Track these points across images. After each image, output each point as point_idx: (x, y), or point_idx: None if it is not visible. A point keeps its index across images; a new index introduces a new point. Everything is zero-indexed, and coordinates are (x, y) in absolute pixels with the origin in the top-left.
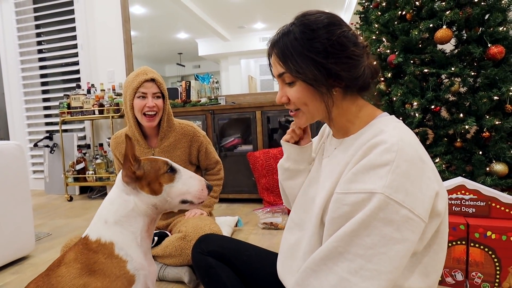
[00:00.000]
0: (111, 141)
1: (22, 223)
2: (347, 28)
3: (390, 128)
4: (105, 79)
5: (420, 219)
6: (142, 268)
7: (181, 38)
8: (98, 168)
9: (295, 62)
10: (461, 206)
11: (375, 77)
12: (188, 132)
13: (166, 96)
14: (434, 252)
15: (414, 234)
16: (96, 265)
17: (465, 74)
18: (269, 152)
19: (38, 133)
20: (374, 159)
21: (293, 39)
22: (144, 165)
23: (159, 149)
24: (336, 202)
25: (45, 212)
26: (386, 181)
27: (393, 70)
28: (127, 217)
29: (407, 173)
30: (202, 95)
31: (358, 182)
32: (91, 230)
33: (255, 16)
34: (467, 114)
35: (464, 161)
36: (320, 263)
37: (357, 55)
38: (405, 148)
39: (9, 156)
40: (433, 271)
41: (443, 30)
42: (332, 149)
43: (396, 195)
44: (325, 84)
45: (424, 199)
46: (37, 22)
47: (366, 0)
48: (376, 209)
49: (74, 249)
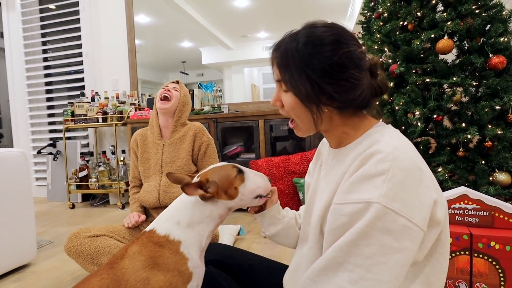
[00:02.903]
0: (133, 136)
1: (24, 231)
2: (354, 47)
3: (386, 138)
4: (109, 87)
5: (418, 227)
6: (198, 267)
7: (185, 46)
8: (101, 176)
9: (291, 74)
10: (464, 216)
11: (379, 95)
12: (195, 128)
13: (181, 95)
14: (436, 262)
15: (412, 243)
16: (160, 259)
17: (466, 84)
18: (272, 160)
19: (42, 140)
20: (369, 169)
21: (295, 49)
22: (214, 177)
23: (169, 141)
24: (334, 213)
25: (47, 220)
26: (382, 190)
27: (395, 80)
28: (200, 222)
29: (403, 182)
30: (205, 103)
31: (355, 192)
32: (160, 226)
33: (258, 25)
34: (469, 124)
35: (467, 170)
36: (320, 273)
37: (355, 78)
38: (401, 157)
39: (12, 163)
40: (436, 281)
41: (444, 40)
42: (330, 159)
43: (393, 204)
44: (316, 102)
45: (422, 208)
46: (43, 30)
47: (368, 11)
48: (374, 218)
49: (137, 242)
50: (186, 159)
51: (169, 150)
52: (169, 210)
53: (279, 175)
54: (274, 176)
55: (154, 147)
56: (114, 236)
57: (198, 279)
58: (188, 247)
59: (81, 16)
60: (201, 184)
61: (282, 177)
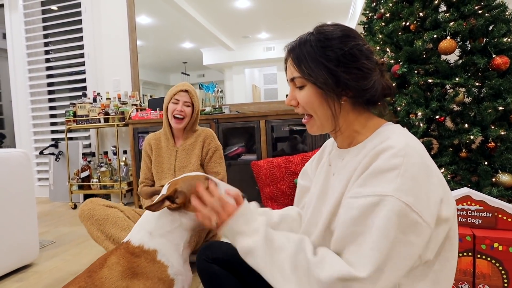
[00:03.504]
0: (146, 138)
1: (26, 231)
2: (362, 42)
3: (396, 135)
4: (111, 87)
5: (427, 224)
6: (180, 274)
7: (186, 47)
8: (103, 176)
9: (308, 65)
10: (467, 217)
11: (387, 95)
12: (205, 134)
13: (196, 106)
14: (445, 259)
15: (419, 239)
16: (138, 268)
17: (469, 85)
18: (273, 161)
19: (44, 141)
20: (382, 164)
21: (309, 46)
22: (182, 188)
23: (181, 147)
24: (346, 207)
25: (49, 220)
26: (396, 184)
27: (397, 80)
28: (172, 232)
29: (415, 177)
30: (207, 104)
31: (368, 186)
32: (134, 237)
33: (260, 26)
34: (472, 125)
35: (469, 171)
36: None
37: (367, 67)
38: (412, 153)
39: (15, 164)
40: (445, 279)
41: (447, 40)
42: (340, 160)
43: (407, 198)
44: (334, 90)
45: (430, 205)
46: (45, 31)
47: (370, 11)
48: (390, 212)
49: (115, 253)
50: (197, 164)
51: (182, 155)
52: (141, 221)
53: (280, 175)
54: (276, 177)
55: (168, 152)
56: (125, 212)
57: (183, 285)
58: (166, 255)
59: (83, 17)
60: (169, 197)
61: (283, 178)
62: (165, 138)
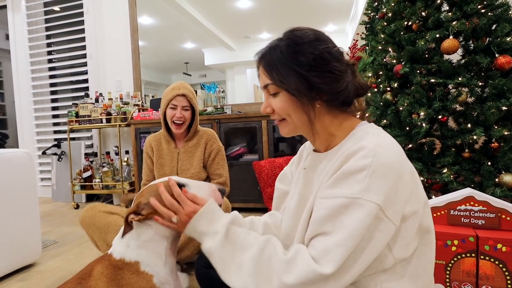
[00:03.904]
0: (146, 139)
1: (29, 231)
2: (332, 45)
3: (370, 135)
4: (113, 88)
5: (390, 221)
6: (167, 282)
7: (188, 48)
8: (105, 176)
9: (279, 72)
10: (470, 218)
11: (361, 94)
12: (207, 135)
13: (196, 109)
14: (421, 253)
15: (382, 235)
16: (123, 280)
17: (472, 84)
18: (275, 161)
19: (47, 141)
20: (352, 165)
21: (279, 52)
22: (144, 199)
23: (183, 149)
24: (316, 206)
25: (52, 220)
26: (364, 185)
27: (399, 80)
28: (150, 241)
29: (383, 176)
30: (208, 104)
31: (338, 188)
32: (114, 251)
33: (261, 26)
34: (475, 125)
35: (472, 172)
36: None
37: (339, 70)
38: (382, 152)
39: (18, 164)
40: (423, 272)
41: (449, 40)
42: (318, 164)
43: (376, 197)
44: (307, 95)
45: (398, 203)
46: (48, 32)
47: (372, 11)
48: (357, 212)
49: (100, 262)
50: (199, 166)
51: (184, 158)
52: (119, 234)
53: None
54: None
55: (169, 155)
56: None
57: None
58: (150, 265)
59: (85, 18)
60: (134, 212)
61: None
62: (165, 140)
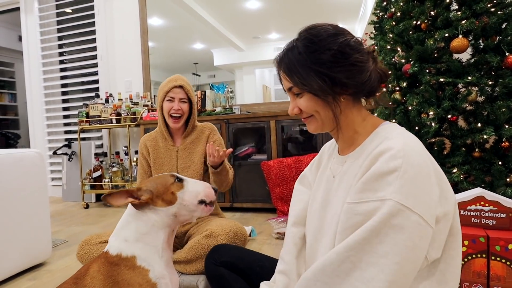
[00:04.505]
0: (141, 139)
1: (39, 230)
2: (349, 36)
3: (394, 135)
4: (123, 88)
5: (428, 225)
6: (163, 277)
7: (197, 48)
8: (114, 176)
9: (299, 75)
10: (480, 218)
11: (384, 81)
12: (207, 128)
13: (193, 101)
14: (449, 258)
15: (423, 241)
16: (119, 276)
17: (482, 83)
18: (283, 161)
19: (58, 141)
20: (381, 166)
21: (297, 53)
22: (148, 186)
23: (182, 146)
24: (347, 213)
25: (62, 219)
26: (395, 187)
27: (408, 80)
28: (147, 233)
29: (415, 178)
30: (217, 104)
31: (369, 191)
32: (111, 247)
33: (270, 27)
34: (485, 124)
35: (483, 171)
36: (332, 274)
37: (361, 61)
38: (411, 153)
39: (29, 164)
40: (451, 278)
41: (459, 39)
42: (340, 166)
43: (407, 200)
44: (331, 93)
45: (431, 204)
46: (59, 34)
47: (381, 10)
48: (387, 215)
49: (97, 261)
50: (200, 162)
51: (183, 155)
52: (116, 230)
53: (290, 176)
54: (286, 177)
55: (167, 153)
56: None
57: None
58: (146, 259)
59: (96, 19)
60: (131, 193)
61: (294, 178)
62: (162, 138)
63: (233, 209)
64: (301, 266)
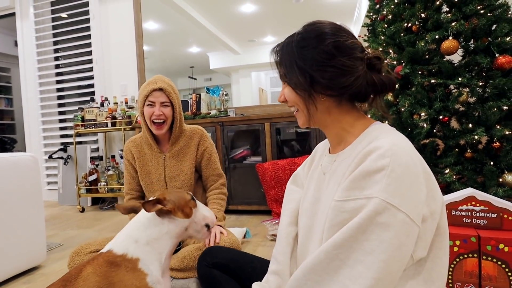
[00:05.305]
0: (125, 144)
1: (34, 234)
2: (344, 38)
3: (384, 135)
4: (118, 92)
5: (414, 223)
6: (159, 283)
7: (193, 52)
8: (110, 180)
9: (285, 66)
10: (471, 218)
11: (381, 91)
12: (196, 134)
13: (175, 104)
14: (436, 257)
15: (409, 239)
16: (116, 277)
17: (473, 84)
18: (278, 163)
19: (54, 145)
20: (369, 165)
21: (290, 46)
22: (171, 197)
23: (169, 154)
24: (335, 210)
25: (58, 223)
26: (382, 185)
27: (400, 81)
28: (158, 239)
29: (402, 177)
30: (212, 107)
31: (356, 189)
32: (117, 245)
33: (265, 30)
34: (477, 124)
35: (475, 172)
36: (322, 272)
37: (346, 65)
38: (399, 152)
39: (24, 168)
40: (437, 277)
41: (449, 41)
42: (330, 165)
43: (393, 199)
44: (308, 90)
45: (418, 203)
46: (55, 38)
47: (374, 13)
48: (373, 213)
49: (92, 263)
50: (190, 171)
51: (172, 164)
52: (126, 231)
53: (285, 178)
54: (280, 179)
55: (154, 161)
56: None
57: None
58: (148, 264)
59: (91, 24)
60: (159, 201)
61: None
62: (147, 144)
63: (228, 211)
64: (294, 267)
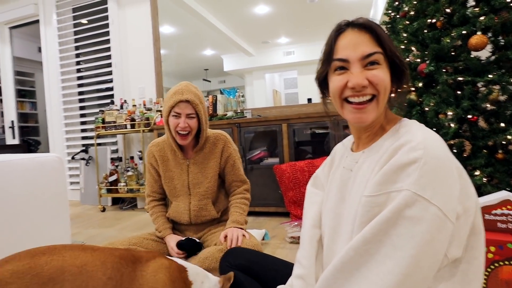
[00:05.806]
0: (148, 147)
1: (60, 232)
2: None
3: (414, 129)
4: (137, 95)
5: (447, 218)
6: None
7: (207, 54)
8: (129, 180)
9: (388, 44)
10: (507, 223)
11: None
12: (220, 140)
13: (201, 116)
14: (472, 258)
15: (442, 235)
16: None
17: (504, 81)
18: (296, 165)
19: (75, 147)
20: (401, 158)
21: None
22: None
23: (193, 160)
24: (366, 206)
25: (80, 222)
26: (414, 178)
27: (424, 80)
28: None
29: (435, 170)
30: (228, 108)
31: (388, 183)
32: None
33: (279, 31)
34: (509, 124)
35: (507, 174)
36: (352, 269)
37: None
38: (432, 145)
39: (50, 168)
40: (474, 279)
41: (477, 36)
42: (355, 163)
43: (424, 191)
44: (400, 78)
45: (451, 198)
46: (76, 44)
47: (393, 10)
48: (402, 205)
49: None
50: (214, 178)
51: (195, 170)
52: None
53: (303, 179)
54: (298, 181)
55: (178, 167)
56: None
57: None
58: None
59: (110, 29)
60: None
61: (307, 182)
62: (170, 150)
63: None
64: (319, 270)
